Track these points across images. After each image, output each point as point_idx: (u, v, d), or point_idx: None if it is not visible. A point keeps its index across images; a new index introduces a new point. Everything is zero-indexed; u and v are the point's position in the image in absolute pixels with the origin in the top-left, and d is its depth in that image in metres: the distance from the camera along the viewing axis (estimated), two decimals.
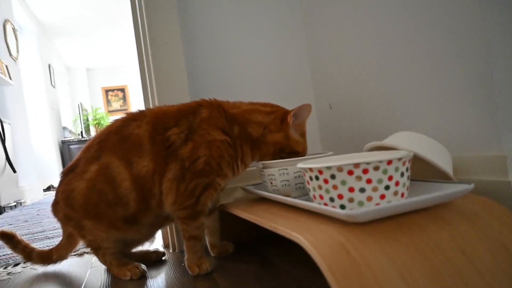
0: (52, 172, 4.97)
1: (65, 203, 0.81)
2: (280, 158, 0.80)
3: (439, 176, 0.66)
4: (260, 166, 0.85)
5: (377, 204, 0.54)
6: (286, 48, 1.15)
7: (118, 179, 0.77)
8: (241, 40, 1.11)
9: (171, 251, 1.02)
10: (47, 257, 0.95)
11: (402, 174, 0.55)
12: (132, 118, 0.82)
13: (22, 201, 3.24)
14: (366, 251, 0.46)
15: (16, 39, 4.09)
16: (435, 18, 0.71)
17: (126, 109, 7.54)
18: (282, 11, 1.15)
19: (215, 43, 1.08)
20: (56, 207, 0.87)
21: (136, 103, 7.59)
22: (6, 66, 3.51)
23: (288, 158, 0.79)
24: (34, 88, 4.76)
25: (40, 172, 4.28)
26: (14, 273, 1.01)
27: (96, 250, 0.86)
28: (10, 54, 3.82)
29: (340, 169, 0.54)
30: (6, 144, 2.92)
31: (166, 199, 0.77)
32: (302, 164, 0.61)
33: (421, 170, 0.69)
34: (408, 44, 0.79)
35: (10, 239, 0.95)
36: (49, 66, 5.48)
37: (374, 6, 0.87)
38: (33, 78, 4.75)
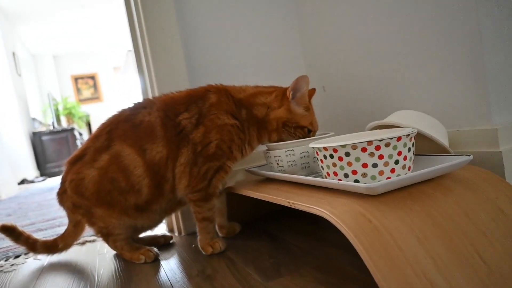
0: (25, 165, 4.80)
1: (75, 191, 0.82)
2: (286, 134, 0.83)
3: (438, 150, 0.72)
4: (265, 149, 0.88)
5: (388, 178, 0.59)
6: (279, 33, 1.17)
7: (130, 166, 0.79)
8: (235, 25, 1.12)
9: (176, 234, 1.05)
10: (52, 246, 0.95)
11: (409, 149, 0.60)
12: (141, 106, 0.83)
13: None
14: (385, 220, 0.51)
15: None
16: (426, 1, 0.76)
17: (97, 97, 7.31)
18: None
19: (210, 28, 1.09)
20: (62, 196, 0.87)
21: (108, 91, 7.37)
22: None
23: (294, 132, 0.82)
24: None
25: (12, 166, 4.13)
26: (17, 264, 1.01)
27: (107, 236, 0.87)
28: None
29: (354, 147, 0.58)
30: None
31: (179, 183, 0.80)
32: (315, 144, 0.65)
33: (421, 145, 0.75)
34: (401, 25, 0.83)
35: (11, 231, 0.94)
36: (13, 54, 5.20)
37: None
38: None
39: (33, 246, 0.96)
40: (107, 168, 0.80)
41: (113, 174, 0.79)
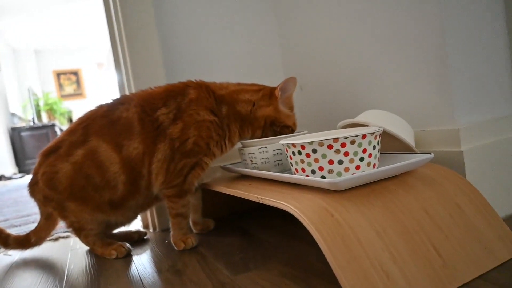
0: (3, 161, 4.69)
1: (47, 184, 0.81)
2: (271, 132, 0.85)
3: (404, 149, 0.74)
4: (240, 146, 0.89)
5: (353, 174, 0.61)
6: (257, 31, 1.18)
7: (106, 163, 0.78)
8: (214, 22, 1.13)
9: (151, 230, 1.05)
10: (25, 241, 0.94)
11: (374, 147, 0.62)
12: (119, 102, 0.82)
13: None
14: (346, 214, 0.53)
15: None
16: (396, 5, 0.78)
17: (80, 94, 7.19)
18: None
19: (188, 25, 1.09)
20: (34, 188, 0.86)
21: (91, 88, 7.26)
22: None
23: (280, 132, 0.85)
24: None
25: None
26: None
27: (79, 231, 0.87)
28: None
29: (321, 144, 0.60)
30: None
31: (156, 180, 0.80)
32: (284, 140, 0.66)
33: (389, 144, 0.78)
34: (373, 28, 0.86)
35: None
36: None
37: None
38: None
39: (5, 241, 0.94)
40: (82, 164, 0.79)
41: (88, 170, 0.79)
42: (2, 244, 0.94)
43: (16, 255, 0.99)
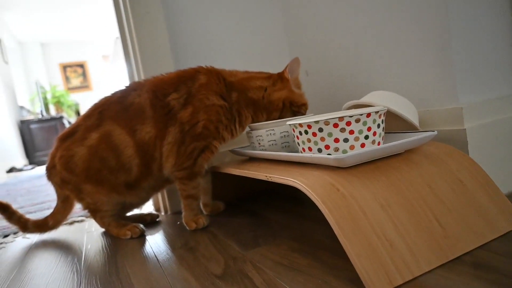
0: (13, 153, 4.77)
1: (64, 167, 0.84)
2: (291, 113, 0.89)
3: (408, 128, 0.76)
4: (247, 129, 0.91)
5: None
6: (263, 19, 1.20)
7: (121, 146, 0.82)
8: (220, 10, 1.14)
9: (162, 213, 1.08)
10: (43, 224, 0.98)
11: (378, 126, 0.64)
12: (132, 88, 0.85)
13: None
14: (352, 188, 0.55)
15: None
16: None
17: (87, 86, 7.24)
18: None
19: (195, 12, 1.11)
20: (51, 171, 0.90)
21: (98, 80, 7.30)
22: None
23: (299, 110, 0.88)
24: None
25: (1, 154, 4.10)
26: (6, 242, 1.03)
27: (94, 212, 0.90)
28: None
29: (326, 123, 0.62)
30: None
31: (167, 162, 0.83)
32: (291, 121, 0.69)
33: (393, 124, 0.79)
34: (377, 10, 0.87)
35: (5, 209, 0.96)
36: (0, 41, 5.12)
37: None
38: None
39: (25, 225, 0.98)
40: (98, 147, 0.82)
41: (104, 153, 0.82)
42: (22, 228, 0.98)
43: (34, 237, 1.04)
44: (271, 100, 0.88)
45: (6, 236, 1.11)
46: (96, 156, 0.83)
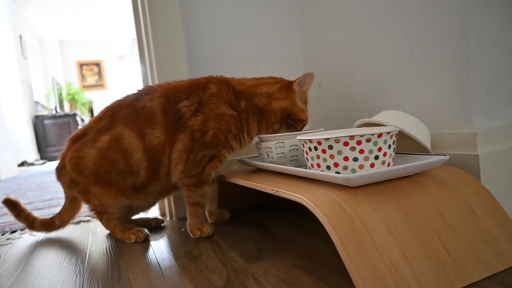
0: (26, 147, 4.85)
1: (74, 168, 0.85)
2: (286, 125, 0.88)
3: (420, 150, 0.75)
4: (257, 141, 0.91)
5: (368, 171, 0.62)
6: (279, 30, 1.20)
7: (130, 149, 0.82)
8: (237, 19, 1.15)
9: (168, 219, 1.08)
10: (50, 224, 0.99)
11: (389, 146, 0.63)
12: (144, 92, 0.86)
13: None
14: (359, 209, 0.55)
15: None
16: (418, 4, 0.79)
17: (101, 85, 7.35)
18: None
19: (211, 20, 1.12)
20: (61, 172, 0.91)
21: (112, 79, 7.41)
22: None
23: (294, 125, 0.87)
24: (4, 59, 4.57)
25: (13, 147, 4.17)
26: (13, 239, 1.05)
27: (101, 214, 0.91)
28: None
29: (337, 140, 0.62)
30: None
31: (175, 168, 0.83)
32: (302, 136, 0.68)
33: (405, 145, 0.79)
34: (394, 28, 0.86)
35: (14, 206, 0.98)
36: (20, 37, 5.24)
37: None
38: (2, 49, 4.55)
39: (32, 223, 0.99)
40: (108, 149, 0.83)
41: (113, 156, 0.83)
42: (29, 226, 0.99)
43: (40, 235, 1.05)
44: (272, 108, 0.87)
45: (13, 232, 1.12)
46: (105, 159, 0.84)
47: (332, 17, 1.07)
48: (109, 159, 0.83)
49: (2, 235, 1.10)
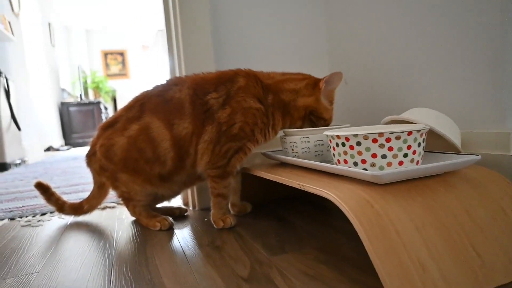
0: (52, 133, 5.00)
1: (104, 155, 0.88)
2: (309, 122, 0.88)
3: (450, 148, 0.74)
4: (281, 135, 0.92)
5: (396, 168, 0.62)
6: (305, 24, 1.19)
7: (158, 139, 0.84)
8: (264, 12, 1.15)
9: (191, 208, 1.11)
10: (78, 208, 1.03)
11: (419, 145, 0.62)
12: (173, 83, 0.88)
13: (25, 159, 3.30)
14: (386, 206, 0.54)
15: None
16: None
17: (125, 74, 7.48)
18: None
19: (239, 13, 1.12)
20: (91, 158, 0.94)
21: (135, 68, 7.52)
22: (9, 22, 3.47)
23: (316, 122, 0.87)
24: (34, 46, 4.70)
25: (40, 133, 4.31)
26: (43, 221, 1.09)
27: (128, 201, 0.94)
28: (13, 10, 3.76)
29: (366, 137, 0.61)
30: (10, 101, 2.94)
31: (201, 159, 0.85)
32: (329, 131, 0.68)
33: (434, 143, 0.77)
34: (424, 22, 0.84)
35: (45, 190, 1.02)
36: (49, 24, 5.38)
37: None
38: (33, 36, 4.68)
39: (62, 206, 1.04)
40: (136, 138, 0.85)
41: (142, 144, 0.85)
42: (59, 209, 1.04)
43: (69, 218, 1.09)
44: (297, 105, 0.87)
45: (43, 214, 1.17)
46: (134, 147, 0.86)
47: (359, 11, 1.06)
48: (137, 147, 0.86)
49: (33, 216, 1.14)
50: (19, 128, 3.05)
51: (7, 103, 2.90)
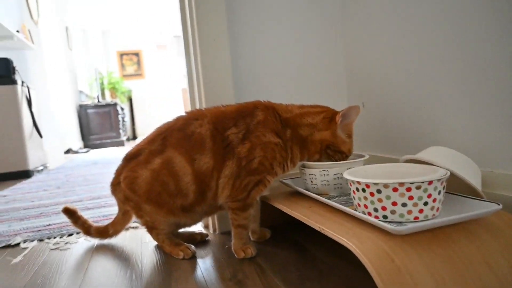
0: (71, 135, 5.12)
1: (128, 187, 0.92)
2: (326, 156, 0.89)
3: (470, 190, 0.74)
4: (300, 165, 0.93)
5: (416, 217, 0.63)
6: (322, 49, 1.20)
7: (180, 173, 0.87)
8: (280, 40, 1.16)
9: (211, 231, 1.14)
10: (104, 232, 1.07)
11: (439, 192, 0.63)
12: (194, 117, 0.90)
13: (47, 165, 3.40)
14: (407, 260, 0.56)
15: (37, 1, 4.09)
16: (471, 30, 0.76)
17: (140, 74, 7.57)
18: (320, 12, 1.19)
19: (257, 41, 1.14)
20: (116, 188, 0.98)
21: (150, 69, 7.61)
22: (29, 31, 3.55)
23: (334, 156, 0.88)
24: (53, 51, 4.80)
25: (59, 136, 4.43)
26: (71, 243, 1.14)
27: (151, 229, 0.97)
28: (32, 18, 3.85)
29: (386, 186, 0.63)
30: (32, 109, 3.03)
31: (222, 193, 0.87)
32: (350, 176, 0.70)
33: (454, 184, 0.78)
34: (443, 55, 0.84)
35: (72, 214, 1.07)
36: (66, 28, 5.48)
37: (411, 10, 0.91)
38: (52, 41, 4.78)
39: (88, 230, 1.08)
40: (159, 172, 0.88)
41: (164, 178, 0.88)
42: (85, 232, 1.08)
43: (95, 241, 1.13)
44: (313, 139, 0.89)
45: (70, 235, 1.22)
46: (157, 181, 0.89)
47: (378, 38, 1.06)
48: (160, 181, 0.89)
49: (61, 238, 1.19)
50: (41, 136, 3.14)
51: (29, 111, 2.99)
